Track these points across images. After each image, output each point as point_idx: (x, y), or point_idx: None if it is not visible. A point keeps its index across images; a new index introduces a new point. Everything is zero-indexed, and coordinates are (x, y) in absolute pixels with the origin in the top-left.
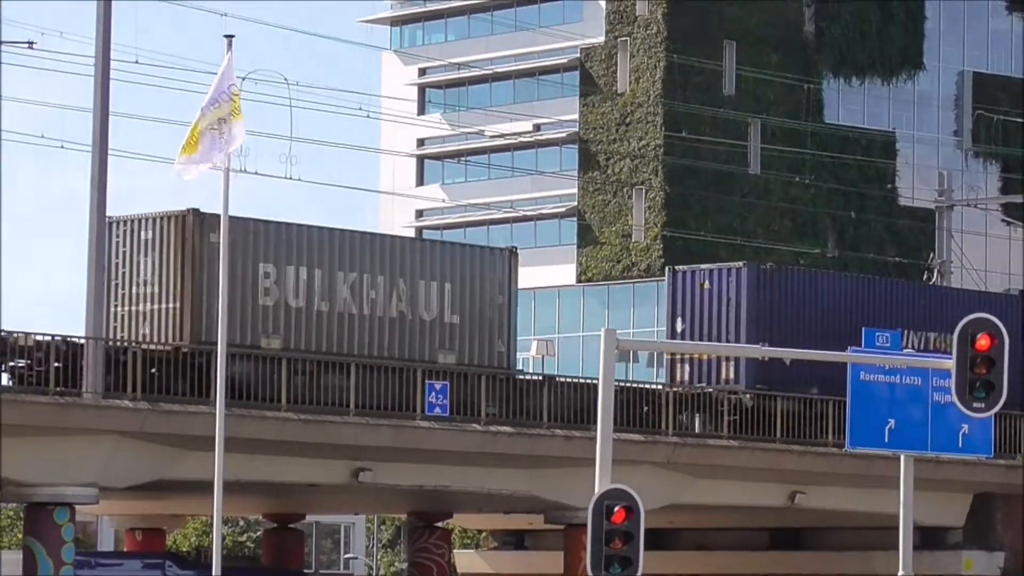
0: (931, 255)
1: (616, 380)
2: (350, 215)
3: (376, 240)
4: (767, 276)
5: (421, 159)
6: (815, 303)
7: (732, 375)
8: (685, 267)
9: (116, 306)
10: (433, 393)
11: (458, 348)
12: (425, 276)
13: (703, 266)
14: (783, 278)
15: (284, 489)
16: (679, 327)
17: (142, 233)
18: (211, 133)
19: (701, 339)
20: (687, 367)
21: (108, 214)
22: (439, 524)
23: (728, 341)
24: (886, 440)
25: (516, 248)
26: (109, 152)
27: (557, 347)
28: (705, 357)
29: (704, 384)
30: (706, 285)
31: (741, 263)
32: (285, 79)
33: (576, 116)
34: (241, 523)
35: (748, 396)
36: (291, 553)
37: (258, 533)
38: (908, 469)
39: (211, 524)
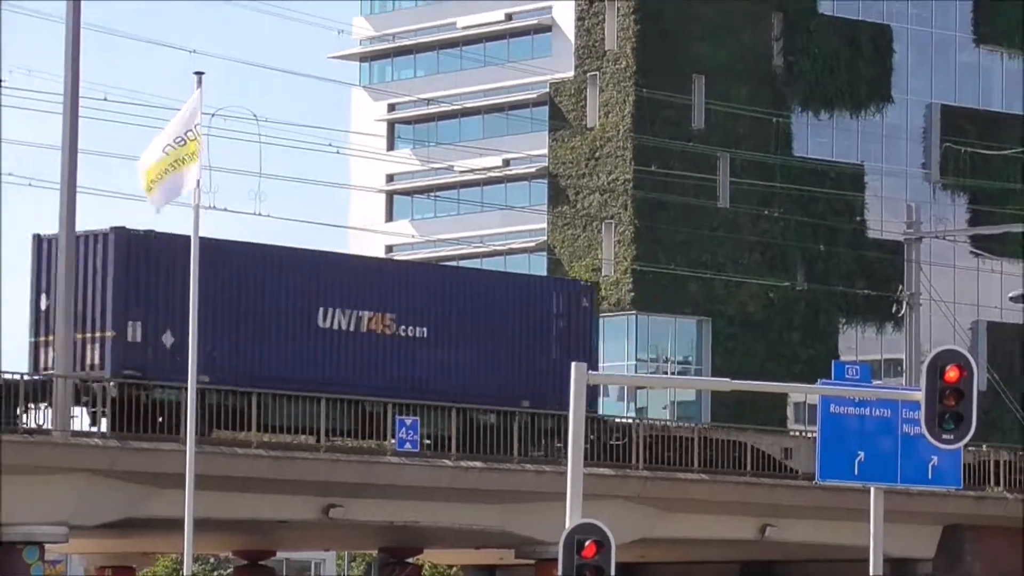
0: (900, 287)
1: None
2: None
3: None
4: (140, 244)
5: (391, 194)
6: (208, 276)
7: (97, 359)
8: (52, 234)
9: None
10: (404, 429)
11: None
12: None
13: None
14: (163, 246)
15: (254, 526)
16: (43, 304)
17: None
18: (171, 172)
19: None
20: (50, 351)
21: None
22: (410, 560)
23: (95, 318)
24: (856, 472)
25: None
26: (78, 189)
27: None
28: (79, 337)
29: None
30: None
31: (108, 227)
32: (255, 115)
33: (545, 151)
34: (212, 560)
35: (113, 384)
36: None
37: (229, 570)
38: (878, 501)
39: (182, 562)
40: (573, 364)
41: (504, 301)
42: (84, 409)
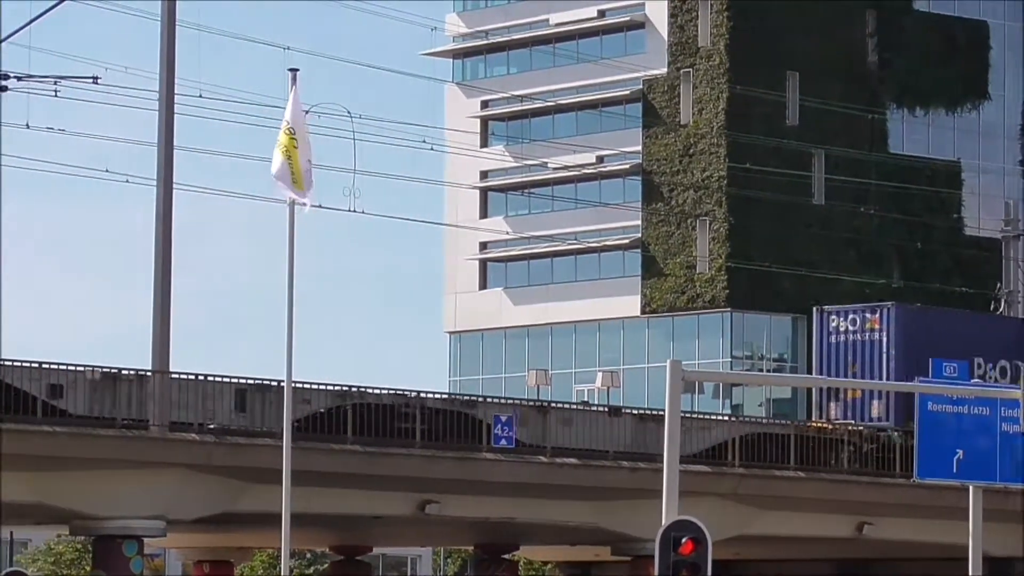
0: (998, 285)
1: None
2: (414, 248)
3: None
4: None
5: (485, 191)
6: None
7: None
8: None
9: None
10: (499, 425)
11: None
12: None
13: None
14: None
15: (351, 521)
16: None
17: None
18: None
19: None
20: None
21: None
22: (505, 556)
23: None
24: (955, 471)
25: None
26: (174, 186)
27: (622, 378)
28: None
29: None
30: None
31: None
32: (348, 112)
33: (639, 148)
34: (308, 556)
35: None
36: None
37: (325, 566)
38: (977, 500)
39: (278, 557)
40: (668, 361)
41: None
42: None
